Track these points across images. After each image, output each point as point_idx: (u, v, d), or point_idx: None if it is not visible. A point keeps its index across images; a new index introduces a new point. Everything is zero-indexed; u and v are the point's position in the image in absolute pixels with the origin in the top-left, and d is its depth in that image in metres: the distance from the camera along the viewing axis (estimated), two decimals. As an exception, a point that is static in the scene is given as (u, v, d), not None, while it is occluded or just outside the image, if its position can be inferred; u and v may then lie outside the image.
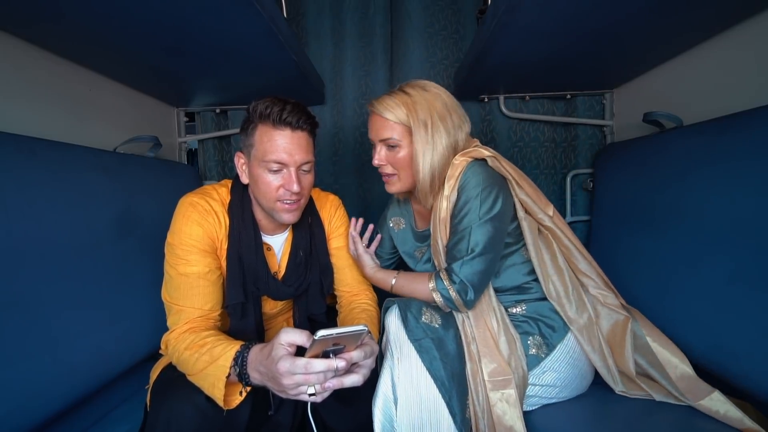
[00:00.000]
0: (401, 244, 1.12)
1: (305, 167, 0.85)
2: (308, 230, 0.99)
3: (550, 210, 0.93)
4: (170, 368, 0.81)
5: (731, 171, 0.82)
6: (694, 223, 0.90)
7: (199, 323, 0.81)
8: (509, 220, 0.92)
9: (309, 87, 1.38)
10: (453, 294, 0.86)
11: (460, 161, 0.89)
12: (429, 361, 0.80)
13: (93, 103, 1.14)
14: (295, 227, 0.97)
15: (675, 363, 0.84)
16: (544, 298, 0.94)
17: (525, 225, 0.92)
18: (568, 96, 1.53)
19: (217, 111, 1.64)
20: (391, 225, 1.14)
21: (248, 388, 0.71)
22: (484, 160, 0.90)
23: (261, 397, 0.82)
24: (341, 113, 1.65)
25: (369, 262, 1.02)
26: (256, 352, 0.69)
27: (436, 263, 0.96)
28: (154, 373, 0.86)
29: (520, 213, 0.92)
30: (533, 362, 0.87)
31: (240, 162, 0.88)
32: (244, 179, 0.88)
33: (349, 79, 1.63)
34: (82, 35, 0.90)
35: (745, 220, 0.77)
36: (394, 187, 0.96)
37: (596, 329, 0.89)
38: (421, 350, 0.81)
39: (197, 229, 0.83)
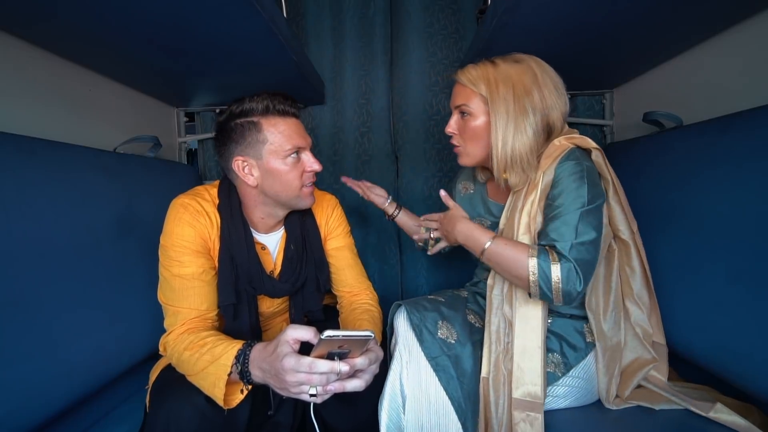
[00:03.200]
0: (463, 206, 1.02)
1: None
2: (299, 224, 0.98)
3: (635, 226, 0.88)
4: (170, 369, 0.81)
5: (732, 171, 0.81)
6: (694, 222, 0.90)
7: (196, 324, 0.81)
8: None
9: (309, 87, 1.38)
10: (555, 273, 0.73)
11: (562, 144, 0.84)
12: (446, 380, 0.79)
13: (93, 103, 1.14)
14: (288, 223, 0.97)
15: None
16: (572, 316, 0.91)
17: (602, 233, 0.83)
18: (568, 96, 1.53)
19: (217, 111, 1.64)
20: (459, 188, 1.10)
21: (249, 387, 0.71)
22: (587, 152, 0.85)
23: (261, 398, 0.82)
24: (341, 113, 1.65)
25: (461, 211, 0.90)
26: (259, 349, 0.69)
27: None
28: (154, 373, 0.86)
29: (604, 219, 0.85)
30: (549, 379, 0.83)
31: (242, 165, 0.85)
32: (252, 181, 0.86)
33: (349, 79, 1.63)
34: (82, 35, 0.90)
35: (745, 219, 0.77)
36: (463, 160, 0.93)
37: (620, 356, 0.86)
38: (438, 368, 0.79)
39: (189, 230, 0.83)
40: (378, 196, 1.17)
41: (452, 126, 0.92)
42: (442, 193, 0.94)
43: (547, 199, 0.83)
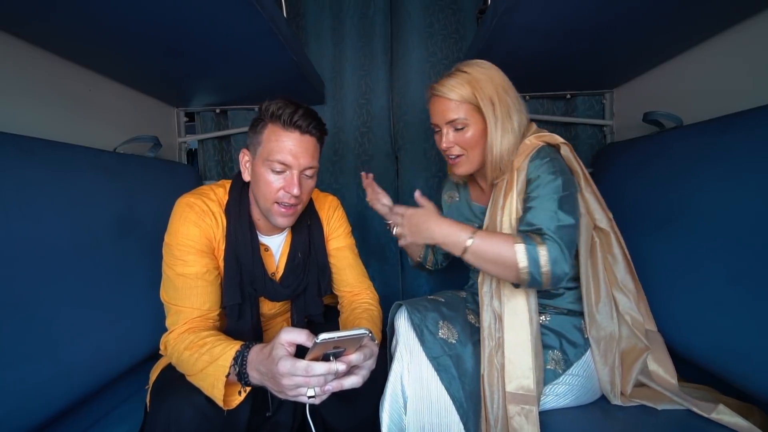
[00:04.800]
0: (450, 215, 1.09)
1: (308, 172, 0.85)
2: (307, 231, 0.98)
3: (610, 214, 0.90)
4: (170, 369, 0.81)
5: (732, 171, 0.81)
6: (694, 222, 0.90)
7: (198, 323, 0.81)
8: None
9: (309, 87, 1.38)
10: (543, 257, 0.74)
11: (533, 142, 0.87)
12: (448, 380, 0.79)
13: (93, 103, 1.14)
14: (294, 228, 0.97)
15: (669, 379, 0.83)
16: (568, 312, 0.91)
17: (582, 222, 0.88)
18: (568, 96, 1.53)
19: (217, 111, 1.64)
20: (444, 199, 1.12)
21: (247, 388, 0.71)
22: (556, 147, 0.88)
23: (260, 398, 0.82)
24: (341, 113, 1.65)
25: (435, 209, 0.86)
26: (256, 351, 0.69)
27: None
28: (154, 373, 0.86)
29: (581, 210, 0.88)
30: (550, 377, 0.85)
31: (244, 159, 0.88)
32: (246, 176, 0.88)
33: (349, 79, 1.63)
34: (81, 35, 0.90)
35: (745, 219, 0.77)
36: (463, 168, 0.91)
37: (615, 346, 0.87)
38: (439, 369, 0.79)
39: (194, 230, 0.83)
40: (383, 205, 1.06)
41: (450, 141, 0.89)
42: (417, 193, 0.89)
43: (525, 193, 0.86)
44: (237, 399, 0.72)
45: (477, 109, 0.86)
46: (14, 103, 0.91)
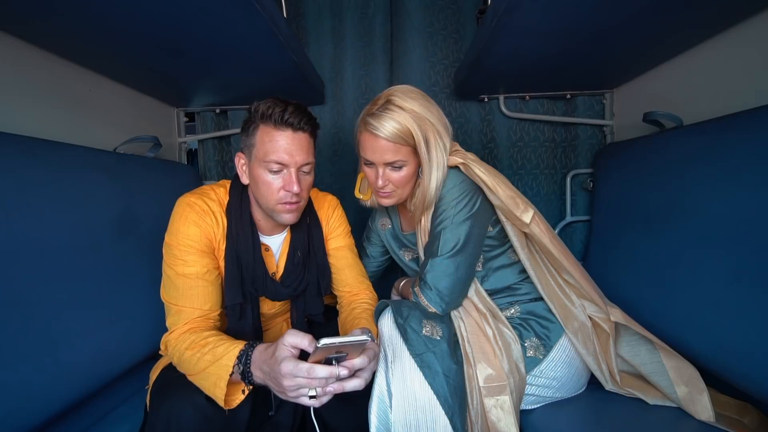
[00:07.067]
0: (388, 243, 1.15)
1: (305, 168, 0.85)
2: (306, 230, 0.99)
3: (528, 216, 0.88)
4: (170, 368, 0.81)
5: (731, 171, 0.82)
6: (694, 222, 0.90)
7: (199, 323, 0.81)
8: (487, 223, 0.92)
9: (309, 87, 1.38)
10: (422, 300, 0.90)
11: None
12: (431, 376, 0.79)
13: (93, 103, 1.14)
14: (293, 227, 0.97)
15: (686, 370, 0.83)
16: (537, 299, 0.94)
17: (509, 228, 0.91)
18: (568, 96, 1.53)
19: (217, 111, 1.64)
20: (379, 226, 1.16)
21: (250, 387, 0.71)
22: (457, 167, 0.91)
23: (261, 398, 0.82)
24: (341, 113, 1.65)
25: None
26: (260, 350, 0.69)
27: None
28: (154, 373, 0.86)
29: (502, 217, 0.91)
30: (532, 364, 0.87)
31: (240, 163, 0.88)
32: (245, 180, 0.88)
33: (349, 79, 1.63)
34: (82, 35, 0.90)
35: (745, 219, 0.77)
36: (391, 200, 0.95)
37: (590, 332, 0.88)
38: (422, 365, 0.80)
39: (195, 230, 0.83)
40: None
41: (385, 180, 0.91)
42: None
43: (434, 216, 0.93)
44: (238, 398, 0.72)
45: (414, 150, 0.89)
46: (14, 103, 0.91)
